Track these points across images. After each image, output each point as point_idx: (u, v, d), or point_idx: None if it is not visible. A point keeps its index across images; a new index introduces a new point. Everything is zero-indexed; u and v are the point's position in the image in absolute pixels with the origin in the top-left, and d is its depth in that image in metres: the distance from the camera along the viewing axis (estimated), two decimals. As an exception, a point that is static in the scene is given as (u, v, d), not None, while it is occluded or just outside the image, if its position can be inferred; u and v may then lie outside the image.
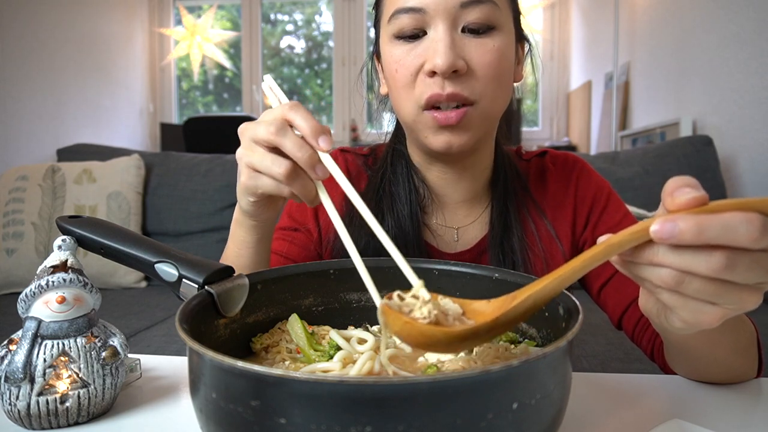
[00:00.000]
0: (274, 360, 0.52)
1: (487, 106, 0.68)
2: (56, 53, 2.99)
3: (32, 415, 0.48)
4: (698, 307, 0.37)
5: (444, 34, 0.65)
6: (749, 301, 0.36)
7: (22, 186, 1.99)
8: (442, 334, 0.37)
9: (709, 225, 0.33)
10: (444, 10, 0.65)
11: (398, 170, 0.80)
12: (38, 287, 0.49)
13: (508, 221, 0.76)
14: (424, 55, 0.67)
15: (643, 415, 0.51)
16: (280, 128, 0.51)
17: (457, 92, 0.65)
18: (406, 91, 0.69)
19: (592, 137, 3.58)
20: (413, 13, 0.66)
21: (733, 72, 1.98)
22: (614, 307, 0.74)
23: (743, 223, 0.33)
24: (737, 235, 0.33)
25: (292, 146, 0.50)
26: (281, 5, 4.49)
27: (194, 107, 4.60)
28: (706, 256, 0.34)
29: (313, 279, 0.60)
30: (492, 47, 0.66)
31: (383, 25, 0.72)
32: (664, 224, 0.34)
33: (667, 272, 0.36)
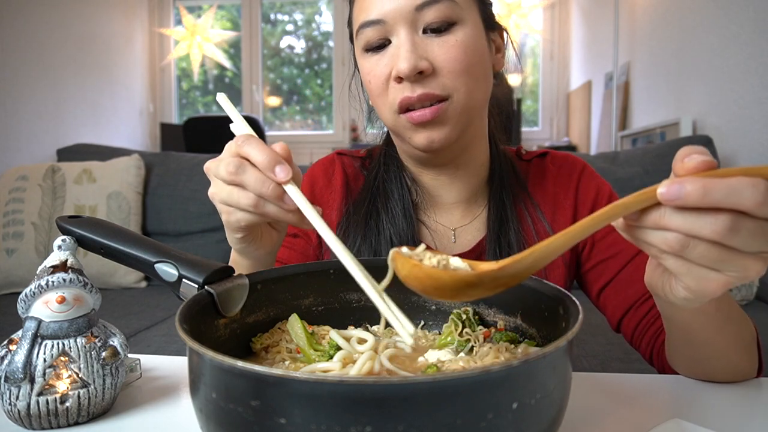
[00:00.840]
0: (274, 360, 0.52)
1: (463, 98, 0.69)
2: (56, 53, 2.99)
3: (32, 415, 0.48)
4: (702, 273, 0.37)
5: (405, 39, 0.67)
6: (752, 269, 0.37)
7: (22, 186, 1.99)
8: (449, 277, 0.38)
9: (714, 187, 0.34)
10: (401, 16, 0.67)
11: (390, 169, 0.81)
12: (38, 287, 0.49)
13: (505, 218, 0.76)
14: (390, 62, 0.69)
15: (643, 415, 0.51)
16: (237, 166, 0.50)
17: (426, 92, 0.67)
18: (381, 99, 0.71)
19: (592, 137, 3.58)
20: (375, 25, 0.68)
21: (733, 72, 1.98)
22: (614, 310, 0.74)
23: (748, 187, 0.34)
24: (742, 199, 0.34)
25: (254, 183, 0.50)
26: (281, 5, 4.49)
27: (194, 107, 4.60)
28: (711, 219, 0.35)
29: (313, 279, 0.60)
30: (455, 42, 0.67)
31: (355, 41, 0.74)
32: (671, 186, 0.35)
33: (673, 236, 0.37)
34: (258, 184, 0.50)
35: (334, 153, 0.88)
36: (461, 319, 0.55)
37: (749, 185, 0.34)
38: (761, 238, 0.35)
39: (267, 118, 4.46)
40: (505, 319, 0.56)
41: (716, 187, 0.34)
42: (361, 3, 0.71)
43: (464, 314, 0.56)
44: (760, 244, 0.36)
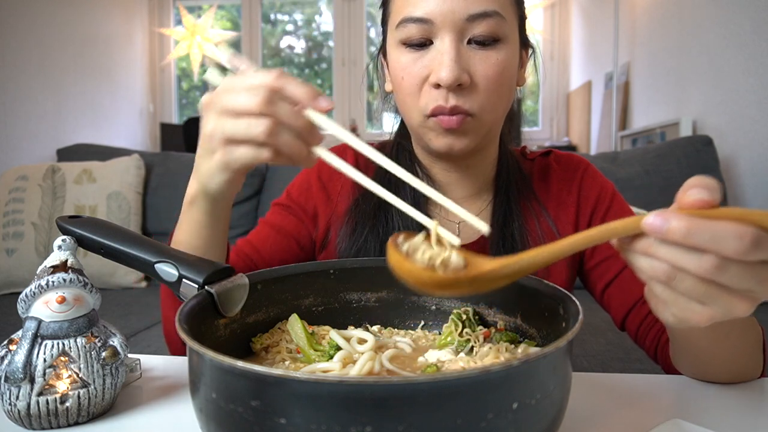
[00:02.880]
0: (274, 360, 0.52)
1: (486, 117, 0.70)
2: (56, 53, 2.99)
3: (32, 415, 0.48)
4: (688, 305, 0.37)
5: (450, 46, 0.66)
6: (739, 308, 0.37)
7: (22, 186, 1.99)
8: (428, 277, 0.40)
9: (698, 230, 0.34)
10: (451, 22, 0.66)
11: (402, 162, 0.81)
12: (38, 287, 0.49)
13: (509, 213, 0.77)
14: (430, 65, 0.67)
15: (643, 415, 0.51)
16: (270, 97, 0.46)
17: (459, 105, 0.67)
18: (412, 98, 0.70)
19: (592, 137, 3.58)
20: (420, 23, 0.67)
21: (733, 72, 1.98)
22: (618, 308, 0.74)
23: (733, 236, 0.34)
24: (725, 247, 0.34)
25: (288, 115, 0.47)
26: (281, 5, 4.48)
27: (194, 107, 4.59)
28: (696, 256, 0.35)
29: (313, 279, 0.60)
30: (496, 60, 0.67)
31: (391, 29, 0.72)
32: (656, 218, 0.35)
33: (660, 265, 0.37)
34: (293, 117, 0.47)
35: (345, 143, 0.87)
36: (461, 319, 0.55)
37: (734, 235, 0.34)
38: (750, 280, 0.35)
39: (267, 118, 4.45)
40: (505, 319, 0.56)
41: (700, 230, 0.34)
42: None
43: (464, 314, 0.56)
44: (748, 284, 0.36)
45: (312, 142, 0.50)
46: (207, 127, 0.50)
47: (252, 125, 0.47)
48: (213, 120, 0.50)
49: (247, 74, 0.49)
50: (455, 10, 0.65)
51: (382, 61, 0.82)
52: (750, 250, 0.34)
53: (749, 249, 0.34)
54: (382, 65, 0.83)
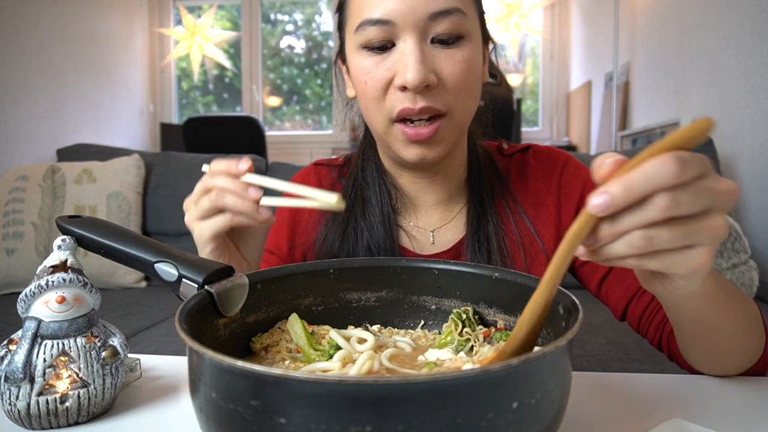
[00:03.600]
0: (274, 360, 0.52)
1: (459, 115, 0.68)
2: (56, 53, 2.99)
3: (32, 415, 0.48)
4: (684, 255, 0.38)
5: (414, 47, 0.64)
6: (717, 227, 0.38)
7: (22, 186, 1.99)
8: None
9: (632, 181, 0.35)
10: (412, 22, 0.64)
11: (368, 174, 0.79)
12: (38, 287, 0.49)
13: (484, 219, 0.76)
14: (394, 68, 0.66)
15: (643, 414, 0.51)
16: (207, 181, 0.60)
17: (429, 106, 0.65)
18: (376, 103, 0.68)
19: (592, 137, 3.58)
20: (381, 25, 0.65)
21: (733, 72, 1.98)
22: (617, 300, 0.73)
23: (659, 166, 0.35)
24: (661, 179, 0.35)
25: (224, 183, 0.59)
26: (281, 5, 4.48)
27: (194, 107, 4.59)
28: (650, 204, 0.36)
29: (313, 279, 0.60)
30: (461, 58, 0.66)
31: (349, 33, 0.70)
32: (596, 198, 0.36)
33: (633, 236, 0.37)
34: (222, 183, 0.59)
35: (311, 164, 0.88)
36: (461, 319, 0.55)
37: (660, 165, 0.35)
38: (703, 196, 0.37)
39: (267, 118, 4.46)
40: (505, 319, 0.56)
41: (634, 180, 0.35)
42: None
43: (464, 314, 0.56)
44: (706, 200, 0.37)
45: (254, 198, 0.58)
46: (186, 217, 0.63)
47: (203, 201, 0.60)
48: (187, 215, 0.62)
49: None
50: (416, 9, 0.63)
51: (341, 67, 0.80)
52: (680, 170, 0.35)
53: (679, 168, 0.35)
54: (341, 71, 0.80)
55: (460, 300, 0.59)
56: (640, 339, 1.10)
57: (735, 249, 1.59)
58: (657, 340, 0.70)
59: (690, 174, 0.36)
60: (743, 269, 1.59)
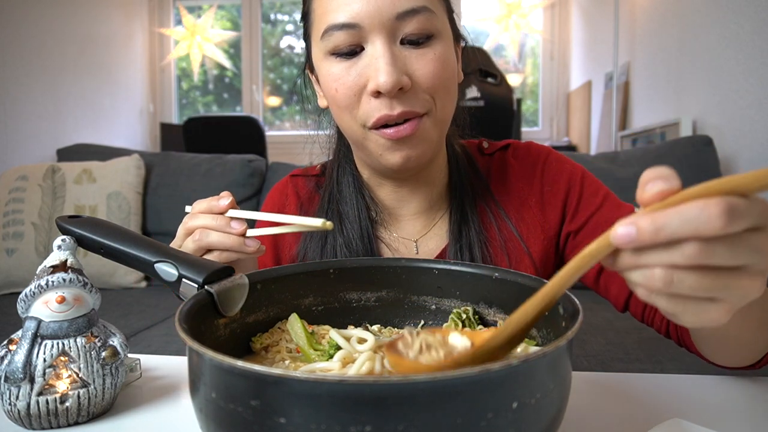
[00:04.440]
0: (274, 360, 0.52)
1: (439, 113, 0.66)
2: (56, 53, 2.99)
3: (32, 415, 0.48)
4: (700, 306, 0.34)
5: (383, 50, 0.62)
6: (751, 287, 0.34)
7: (22, 186, 1.99)
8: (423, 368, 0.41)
9: (666, 221, 0.31)
10: (380, 23, 0.62)
11: (345, 188, 0.77)
12: (38, 287, 0.49)
13: (466, 226, 0.74)
14: (365, 73, 0.63)
15: (643, 414, 0.51)
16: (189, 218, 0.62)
17: (406, 110, 0.63)
18: (350, 111, 0.66)
19: (592, 137, 3.58)
20: (348, 29, 0.62)
21: (733, 72, 1.98)
22: (618, 291, 0.71)
23: (702, 213, 0.31)
24: (698, 229, 0.31)
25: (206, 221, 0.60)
26: (281, 5, 4.48)
27: (194, 107, 4.59)
28: (679, 248, 0.32)
29: (313, 279, 0.60)
30: (433, 56, 0.64)
31: (315, 41, 0.68)
32: (622, 229, 0.33)
33: (653, 272, 0.33)
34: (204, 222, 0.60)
35: (288, 176, 0.86)
36: (461, 319, 0.55)
37: (702, 209, 0.31)
38: (743, 251, 0.32)
39: (267, 118, 4.46)
40: (505, 319, 0.56)
41: (668, 221, 0.31)
42: (328, 2, 0.64)
43: (464, 314, 0.56)
44: (744, 258, 0.33)
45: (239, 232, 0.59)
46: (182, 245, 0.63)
47: (187, 243, 0.61)
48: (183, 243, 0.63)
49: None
50: (382, 9, 0.61)
51: (309, 77, 0.78)
52: (726, 222, 0.31)
53: (724, 220, 0.31)
54: (310, 81, 0.78)
55: (460, 300, 0.59)
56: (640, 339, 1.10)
57: (735, 249, 1.59)
58: (664, 328, 0.68)
59: (736, 226, 0.31)
60: (743, 269, 1.59)
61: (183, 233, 0.62)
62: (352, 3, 0.62)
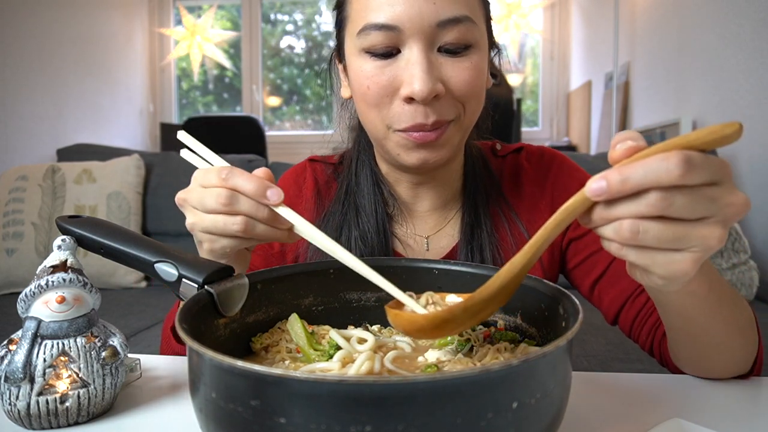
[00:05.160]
0: (274, 360, 0.52)
1: (465, 120, 0.67)
2: (56, 53, 2.99)
3: (32, 415, 0.48)
4: (666, 257, 0.38)
5: (420, 56, 0.61)
6: (711, 236, 0.37)
7: (22, 186, 1.99)
8: (423, 319, 0.44)
9: (631, 172, 0.35)
10: (420, 29, 0.61)
11: (363, 181, 0.77)
12: (38, 287, 0.49)
13: (478, 225, 0.74)
14: (400, 76, 0.63)
15: (643, 414, 0.51)
16: (229, 196, 0.50)
17: (440, 119, 0.63)
18: (378, 110, 0.65)
19: (592, 137, 3.58)
20: (386, 30, 0.61)
21: (733, 72, 1.98)
22: (610, 303, 0.73)
23: (662, 163, 0.34)
24: (659, 177, 0.35)
25: (250, 210, 0.51)
26: (281, 5, 4.48)
27: (194, 107, 4.59)
28: (643, 198, 0.36)
29: (313, 279, 0.60)
30: (469, 66, 0.64)
31: (350, 35, 0.67)
32: (594, 182, 0.37)
33: (621, 225, 0.37)
34: (254, 210, 0.51)
35: (306, 160, 0.86)
36: (461, 319, 0.55)
37: (662, 161, 0.35)
38: (702, 203, 0.36)
39: (267, 118, 4.46)
40: (505, 319, 0.56)
41: (633, 172, 0.35)
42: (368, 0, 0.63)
43: (464, 314, 0.56)
44: (702, 209, 0.36)
45: (284, 224, 0.53)
46: (188, 220, 0.55)
47: (228, 222, 0.51)
48: (191, 215, 0.54)
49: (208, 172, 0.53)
50: (424, 15, 0.60)
51: (336, 65, 0.77)
52: (683, 172, 0.34)
53: (681, 170, 0.34)
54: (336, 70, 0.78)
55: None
56: (640, 339, 1.09)
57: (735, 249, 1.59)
58: (648, 344, 0.70)
59: (694, 178, 0.35)
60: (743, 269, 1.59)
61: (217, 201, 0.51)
62: (394, 4, 0.61)
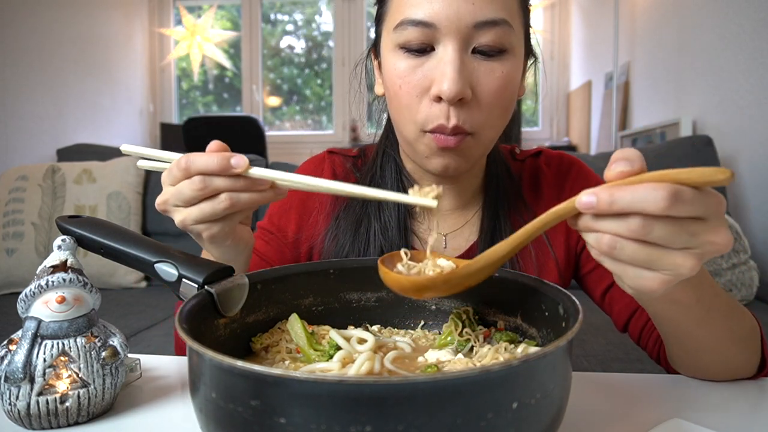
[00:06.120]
0: (274, 360, 0.52)
1: (486, 135, 0.66)
2: (56, 53, 2.99)
3: (32, 415, 0.48)
4: (637, 273, 0.40)
5: (454, 56, 0.61)
6: (684, 265, 0.39)
7: (22, 186, 1.99)
8: (407, 281, 0.47)
9: (620, 195, 0.38)
10: (456, 29, 0.61)
11: (387, 174, 0.78)
12: (38, 287, 0.49)
13: (498, 225, 0.75)
14: (431, 75, 0.63)
15: (643, 415, 0.51)
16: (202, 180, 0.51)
17: (459, 125, 0.62)
18: (409, 110, 0.65)
19: (592, 137, 3.58)
20: (423, 27, 0.61)
21: (733, 72, 1.98)
22: (620, 312, 0.74)
23: (650, 193, 0.37)
24: (645, 204, 0.37)
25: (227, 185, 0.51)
26: (281, 5, 4.49)
27: (194, 107, 4.59)
28: (625, 220, 0.38)
29: (313, 279, 0.60)
30: (501, 74, 0.63)
31: (387, 30, 0.67)
32: (586, 196, 0.40)
33: (602, 237, 0.40)
34: (230, 183, 0.51)
35: (325, 152, 0.85)
36: (461, 319, 0.55)
37: (651, 191, 0.37)
38: (681, 234, 0.38)
39: (267, 118, 4.46)
40: (505, 319, 0.56)
41: (621, 196, 0.38)
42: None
43: (464, 314, 0.56)
44: (681, 240, 0.38)
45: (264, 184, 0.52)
46: (177, 220, 0.55)
47: (214, 205, 0.51)
48: (177, 214, 0.54)
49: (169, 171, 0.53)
50: (461, 15, 0.60)
51: (373, 60, 0.77)
52: (668, 204, 0.36)
53: (667, 203, 0.36)
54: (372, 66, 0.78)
55: (460, 300, 0.59)
56: (640, 339, 1.08)
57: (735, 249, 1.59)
58: (656, 354, 0.70)
59: (680, 211, 0.37)
60: (743, 269, 1.59)
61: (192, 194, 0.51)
62: (432, 1, 0.61)
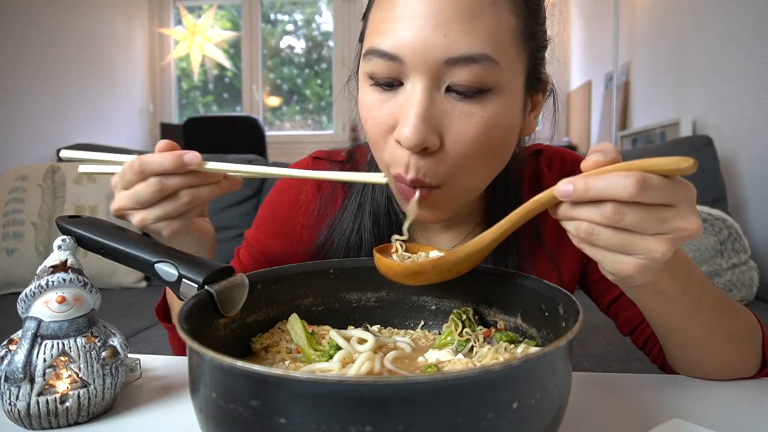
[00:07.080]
0: (274, 360, 0.52)
1: (460, 185, 0.57)
2: (56, 53, 2.99)
3: (32, 415, 0.48)
4: (614, 258, 0.43)
5: (420, 96, 0.51)
6: (656, 250, 0.41)
7: (22, 186, 1.99)
8: (399, 266, 0.51)
9: (594, 183, 0.41)
10: (424, 64, 0.50)
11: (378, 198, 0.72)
12: (38, 287, 0.49)
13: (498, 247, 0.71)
14: (396, 114, 0.54)
15: (643, 415, 0.51)
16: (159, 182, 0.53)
17: (418, 178, 0.54)
18: (376, 147, 0.58)
19: (592, 137, 3.58)
20: (387, 59, 0.52)
21: (733, 72, 1.98)
22: (625, 322, 0.73)
23: (620, 180, 0.39)
24: (617, 191, 0.40)
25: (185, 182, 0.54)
26: (281, 5, 4.49)
27: (194, 107, 4.59)
28: (599, 207, 0.41)
29: (313, 279, 0.60)
30: (480, 118, 0.52)
31: (362, 55, 0.58)
32: (563, 185, 0.42)
33: (580, 224, 0.43)
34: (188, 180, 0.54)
35: (309, 157, 0.79)
36: (461, 319, 0.55)
37: (620, 178, 0.39)
38: (651, 220, 0.41)
39: (267, 118, 4.46)
40: (505, 319, 0.56)
41: (595, 183, 0.41)
42: (380, 19, 0.54)
43: (464, 314, 0.56)
44: (652, 225, 0.41)
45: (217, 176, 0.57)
46: (136, 220, 0.56)
47: (175, 202, 0.55)
48: (135, 216, 0.56)
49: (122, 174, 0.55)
50: (431, 49, 0.50)
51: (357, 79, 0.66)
52: (637, 190, 0.39)
53: (635, 189, 0.39)
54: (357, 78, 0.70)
55: (460, 300, 0.59)
56: (640, 339, 1.08)
57: (735, 249, 1.59)
58: (660, 361, 0.70)
59: (649, 197, 0.39)
60: (743, 269, 1.59)
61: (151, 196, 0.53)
62: (398, 30, 0.51)
